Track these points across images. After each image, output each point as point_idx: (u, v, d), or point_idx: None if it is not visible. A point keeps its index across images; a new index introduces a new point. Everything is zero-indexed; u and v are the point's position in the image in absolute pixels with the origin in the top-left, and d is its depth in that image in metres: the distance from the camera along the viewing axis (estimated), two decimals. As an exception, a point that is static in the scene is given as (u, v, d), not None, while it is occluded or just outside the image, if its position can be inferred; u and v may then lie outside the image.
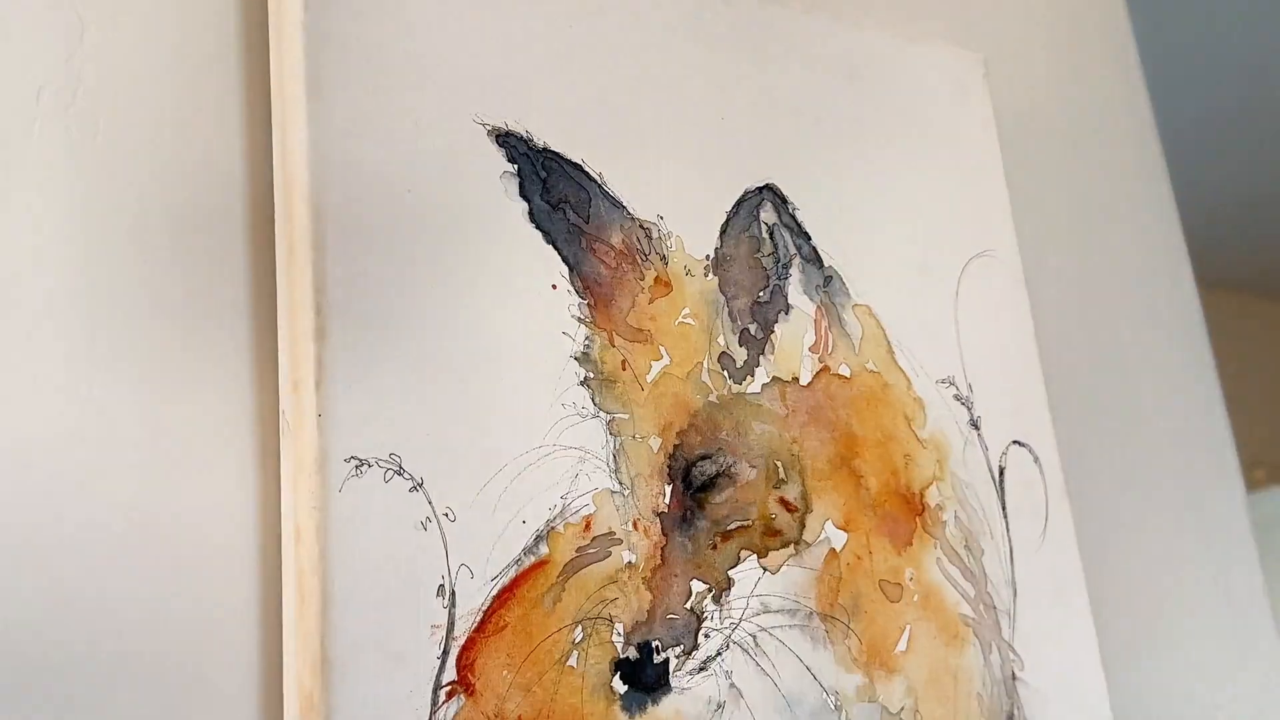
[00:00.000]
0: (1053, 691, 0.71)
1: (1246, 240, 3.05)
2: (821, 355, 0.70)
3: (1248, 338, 3.29)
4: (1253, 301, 3.37)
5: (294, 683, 0.49)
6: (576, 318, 0.60)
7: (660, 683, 0.58)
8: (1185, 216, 1.01)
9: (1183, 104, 2.27)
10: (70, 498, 0.49)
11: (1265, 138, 2.51)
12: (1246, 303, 3.35)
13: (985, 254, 0.80)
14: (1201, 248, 1.22)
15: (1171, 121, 1.70)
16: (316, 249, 0.53)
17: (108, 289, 0.53)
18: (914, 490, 0.71)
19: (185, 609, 0.50)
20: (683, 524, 0.61)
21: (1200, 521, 0.89)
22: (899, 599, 0.67)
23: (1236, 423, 0.95)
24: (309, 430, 0.51)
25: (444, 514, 0.54)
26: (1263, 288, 3.35)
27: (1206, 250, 3.04)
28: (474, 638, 0.53)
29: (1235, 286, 3.30)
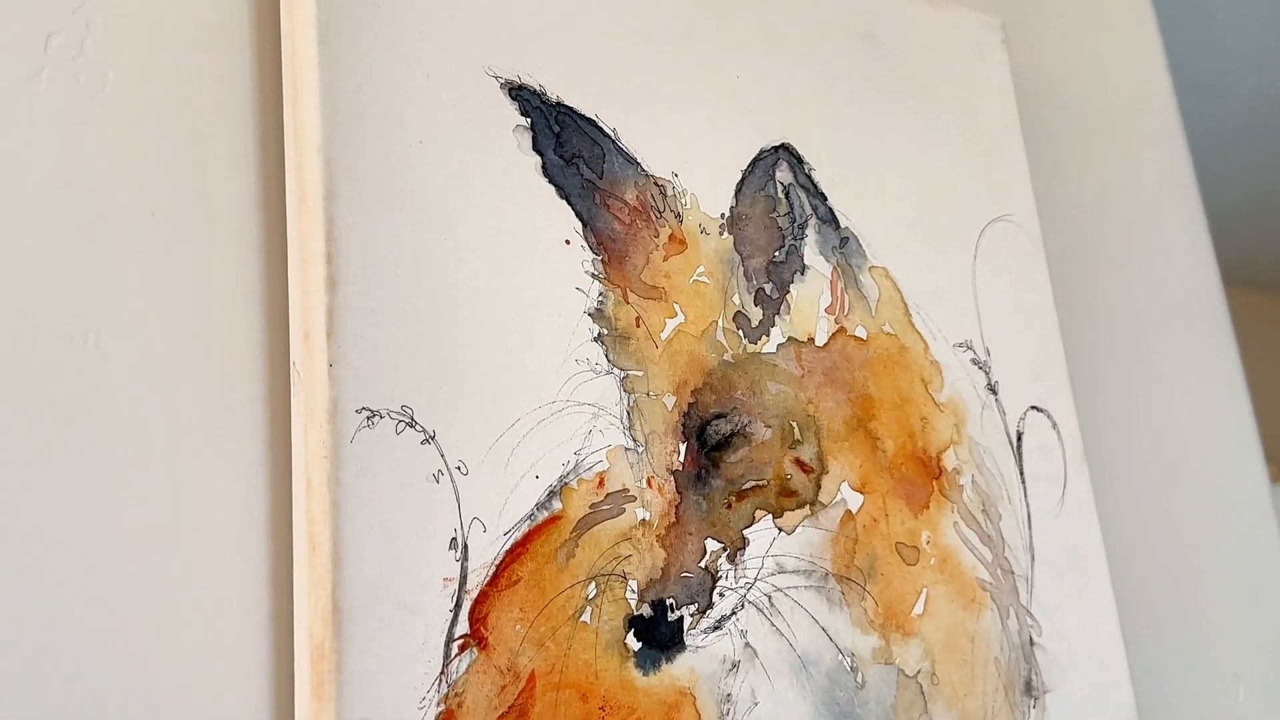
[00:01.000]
0: (1070, 658, 0.70)
1: (1263, 238, 3.03)
2: (837, 317, 0.69)
3: (1266, 335, 3.28)
4: (1271, 299, 3.36)
5: (305, 632, 0.48)
6: (590, 273, 0.60)
7: (674, 640, 0.57)
8: (1205, 215, 1.00)
9: (1203, 102, 2.25)
10: (79, 446, 0.49)
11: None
12: (1264, 300, 3.34)
13: (1004, 218, 0.79)
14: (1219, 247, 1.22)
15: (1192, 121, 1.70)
16: (328, 199, 0.52)
17: (116, 241, 0.52)
18: (931, 453, 0.70)
19: (194, 558, 0.49)
20: (697, 482, 0.60)
21: (1221, 494, 0.88)
22: (916, 562, 0.66)
23: (1261, 418, 0.94)
24: (320, 380, 0.51)
25: (456, 467, 0.53)
26: (1266, 282, 3.33)
27: (1224, 249, 3.03)
28: (486, 591, 0.52)
29: (1254, 285, 3.29)
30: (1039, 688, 0.69)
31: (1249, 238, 2.99)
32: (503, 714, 0.51)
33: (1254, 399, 1.14)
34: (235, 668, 0.49)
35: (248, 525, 0.51)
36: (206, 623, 0.49)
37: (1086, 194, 0.90)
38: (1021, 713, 0.67)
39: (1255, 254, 3.10)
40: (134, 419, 0.50)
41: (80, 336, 0.50)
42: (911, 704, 0.63)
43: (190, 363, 0.52)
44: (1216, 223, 2.43)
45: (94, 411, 0.49)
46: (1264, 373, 3.16)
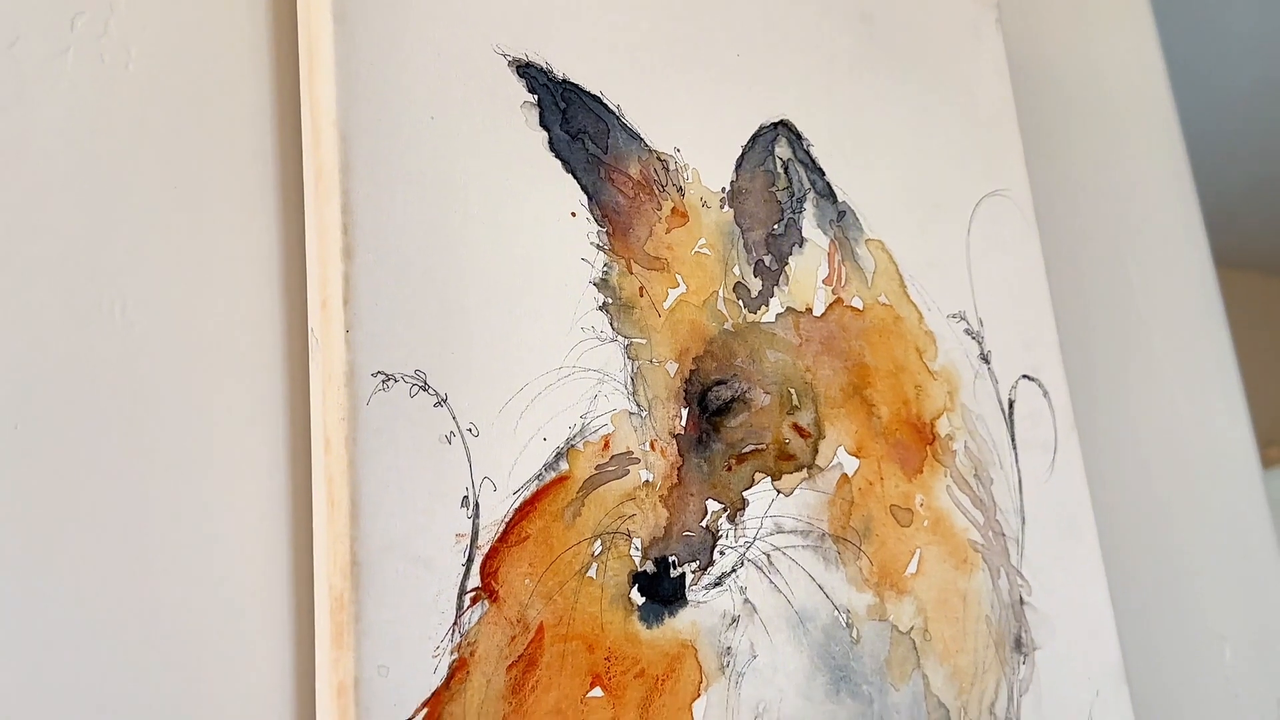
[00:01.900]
0: (1059, 617, 0.72)
1: (1259, 220, 3.04)
2: (835, 288, 0.70)
3: (1261, 317, 3.28)
4: (1267, 281, 3.36)
5: (325, 583, 0.50)
6: (595, 245, 0.61)
7: (677, 596, 0.59)
8: (1198, 198, 1.01)
9: (1199, 86, 2.25)
10: (107, 410, 0.51)
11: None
12: (1260, 283, 3.35)
13: (997, 193, 0.81)
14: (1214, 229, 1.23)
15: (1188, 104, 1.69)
16: (344, 171, 0.54)
17: (140, 214, 0.54)
18: (925, 420, 0.71)
19: (218, 515, 0.51)
20: (698, 446, 0.62)
21: (1209, 460, 0.90)
22: (909, 524, 0.68)
23: (1250, 401, 0.96)
24: (337, 345, 0.52)
25: (467, 429, 0.55)
26: (1276, 268, 3.34)
27: (1219, 231, 3.04)
28: (497, 547, 0.54)
29: (1249, 267, 3.29)
30: (1029, 645, 0.71)
31: (1246, 220, 3.00)
32: (513, 663, 0.53)
33: (1250, 382, 1.15)
34: (259, 618, 0.51)
35: (269, 484, 0.53)
36: (231, 575, 0.51)
37: (1079, 171, 0.92)
38: (1011, 668, 0.69)
39: (1252, 236, 3.11)
40: (158, 384, 0.52)
41: (106, 306, 0.52)
42: (905, 659, 0.65)
43: (212, 330, 0.54)
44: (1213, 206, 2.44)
45: (120, 377, 0.51)
46: (1259, 355, 3.16)
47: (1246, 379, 1.04)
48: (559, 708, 0.54)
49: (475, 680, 0.52)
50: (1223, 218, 2.93)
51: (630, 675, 0.56)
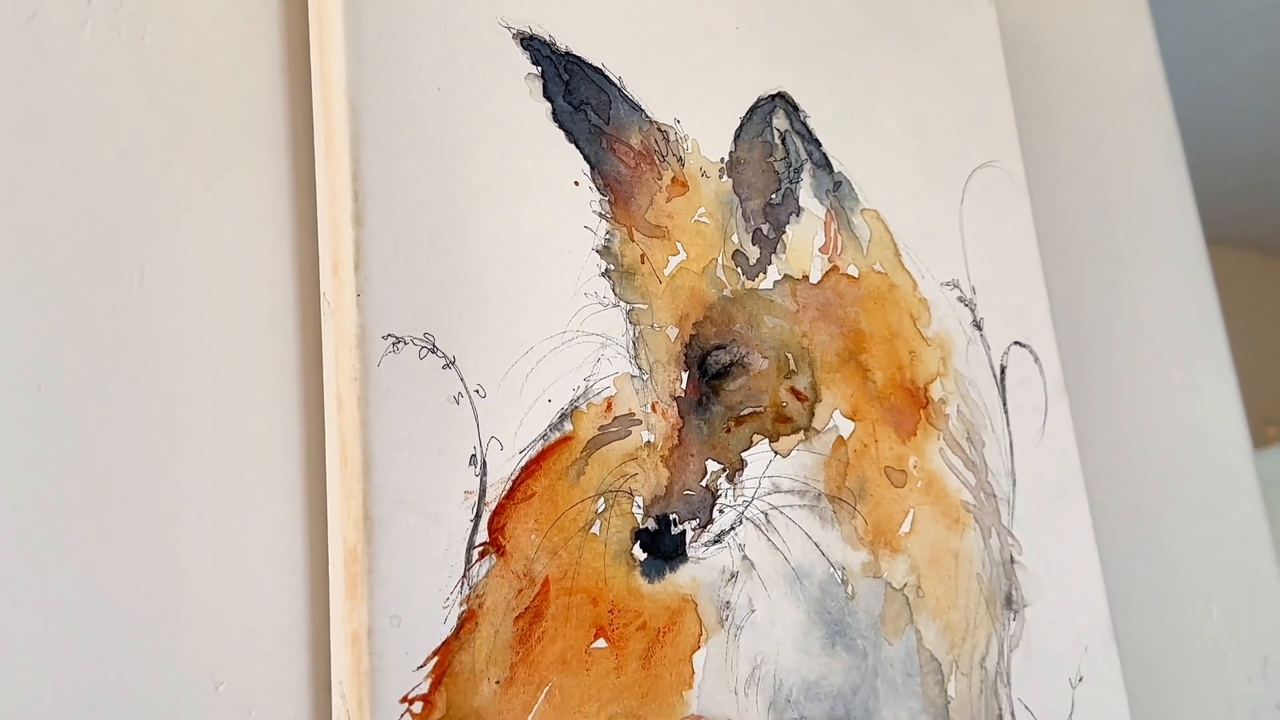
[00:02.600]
0: (1049, 575, 0.74)
1: (1257, 200, 3.04)
2: (831, 256, 0.72)
3: (1258, 298, 3.28)
4: (1264, 261, 3.37)
5: (338, 537, 0.52)
6: (597, 213, 0.63)
7: (677, 552, 0.60)
8: (1193, 177, 1.02)
9: (1193, 63, 2.25)
10: (127, 373, 0.52)
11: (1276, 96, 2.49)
12: (1258, 262, 3.34)
13: (990, 164, 0.82)
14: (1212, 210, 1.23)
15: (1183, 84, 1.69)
16: (354, 141, 0.56)
17: (157, 184, 0.55)
18: (918, 384, 0.73)
19: (234, 472, 0.53)
20: (698, 408, 0.64)
21: (1196, 423, 0.91)
22: (903, 484, 0.70)
23: (1247, 382, 0.97)
24: (349, 309, 0.54)
25: (475, 390, 0.56)
26: (1274, 247, 3.34)
27: (1217, 212, 3.03)
28: (504, 504, 0.56)
29: (1246, 246, 3.29)
30: (1019, 602, 0.73)
31: (1244, 200, 3.00)
32: (520, 614, 0.55)
33: (1248, 363, 1.17)
34: (274, 571, 0.53)
35: (284, 441, 0.55)
36: (248, 530, 0.53)
37: (1071, 143, 0.93)
38: (1002, 624, 0.71)
39: (1250, 216, 3.11)
40: (175, 347, 0.54)
41: (125, 273, 0.54)
42: (898, 614, 0.67)
43: (227, 295, 0.55)
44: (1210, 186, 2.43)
45: (139, 341, 0.53)
46: (1257, 335, 3.16)
47: (1244, 359, 1.05)
48: (564, 658, 0.55)
49: (484, 630, 0.54)
50: (1221, 197, 2.94)
51: (633, 628, 0.58)
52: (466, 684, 0.52)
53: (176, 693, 0.50)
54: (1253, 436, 3.20)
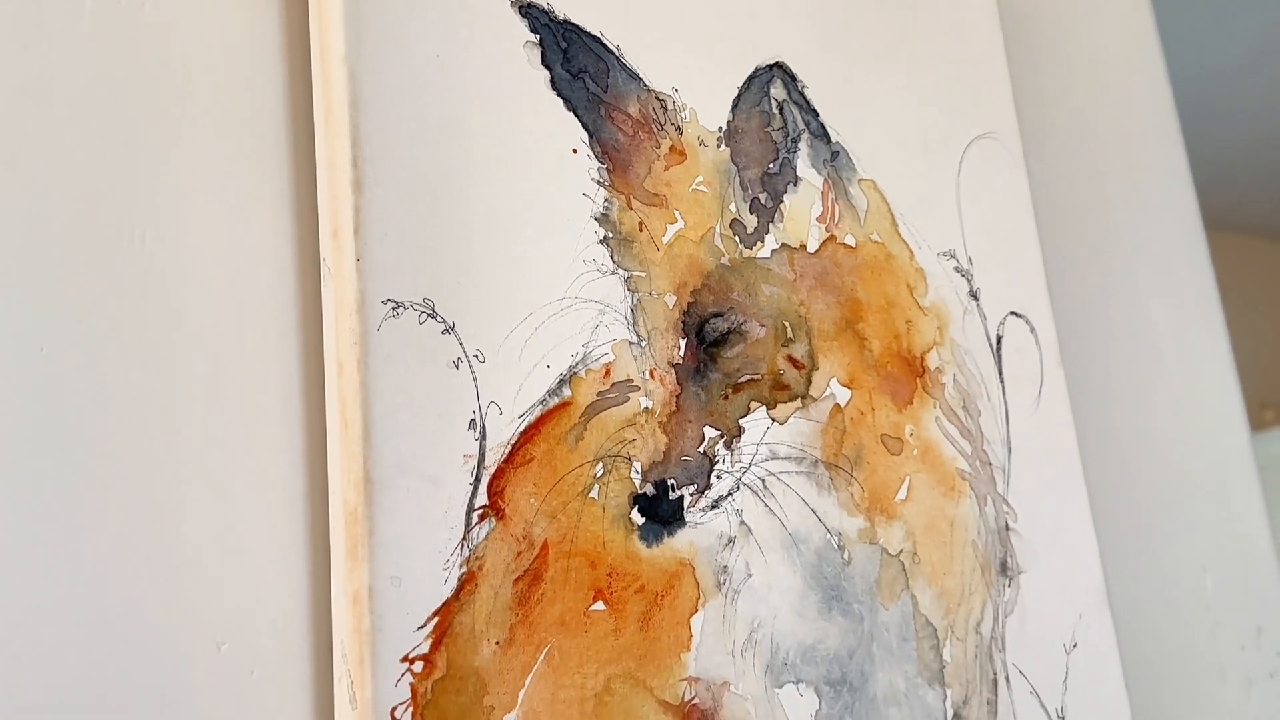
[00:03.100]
0: (1044, 543, 0.75)
1: (1256, 185, 3.03)
2: (828, 225, 0.72)
3: (1258, 282, 3.28)
4: (1264, 246, 3.36)
5: (339, 498, 0.52)
6: (596, 181, 0.63)
7: (675, 517, 0.61)
8: (1192, 162, 1.02)
9: (1194, 49, 2.25)
10: (131, 331, 0.52)
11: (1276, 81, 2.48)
12: (1258, 247, 3.34)
13: (987, 136, 0.82)
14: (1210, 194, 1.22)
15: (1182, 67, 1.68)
16: (353, 107, 0.56)
17: (159, 149, 0.55)
18: (915, 353, 0.73)
19: (234, 432, 0.53)
20: (696, 375, 0.64)
21: (1191, 394, 0.91)
22: (899, 452, 0.70)
23: (1244, 367, 0.97)
24: (348, 274, 0.54)
25: (474, 355, 0.56)
26: (1275, 232, 3.33)
27: (1215, 196, 3.03)
28: (503, 468, 0.56)
29: (1245, 231, 3.29)
30: (1014, 569, 0.73)
31: (1243, 185, 2.99)
32: (519, 577, 0.55)
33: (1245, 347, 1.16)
34: (276, 532, 0.53)
35: (283, 403, 0.55)
36: (249, 492, 0.53)
37: (1066, 117, 0.93)
38: (997, 591, 0.72)
39: (1249, 201, 3.10)
40: (177, 309, 0.54)
41: (129, 235, 0.54)
42: (894, 580, 0.67)
43: (228, 258, 0.56)
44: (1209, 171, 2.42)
45: (141, 302, 0.53)
46: (1254, 320, 3.16)
47: (1241, 344, 1.05)
48: (563, 619, 0.56)
49: (483, 592, 0.54)
50: (1219, 182, 2.93)
51: (631, 591, 0.58)
52: (466, 644, 0.53)
53: (179, 653, 0.50)
54: (1250, 420, 3.19)
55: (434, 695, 0.51)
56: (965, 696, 0.68)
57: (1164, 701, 0.81)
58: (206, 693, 0.50)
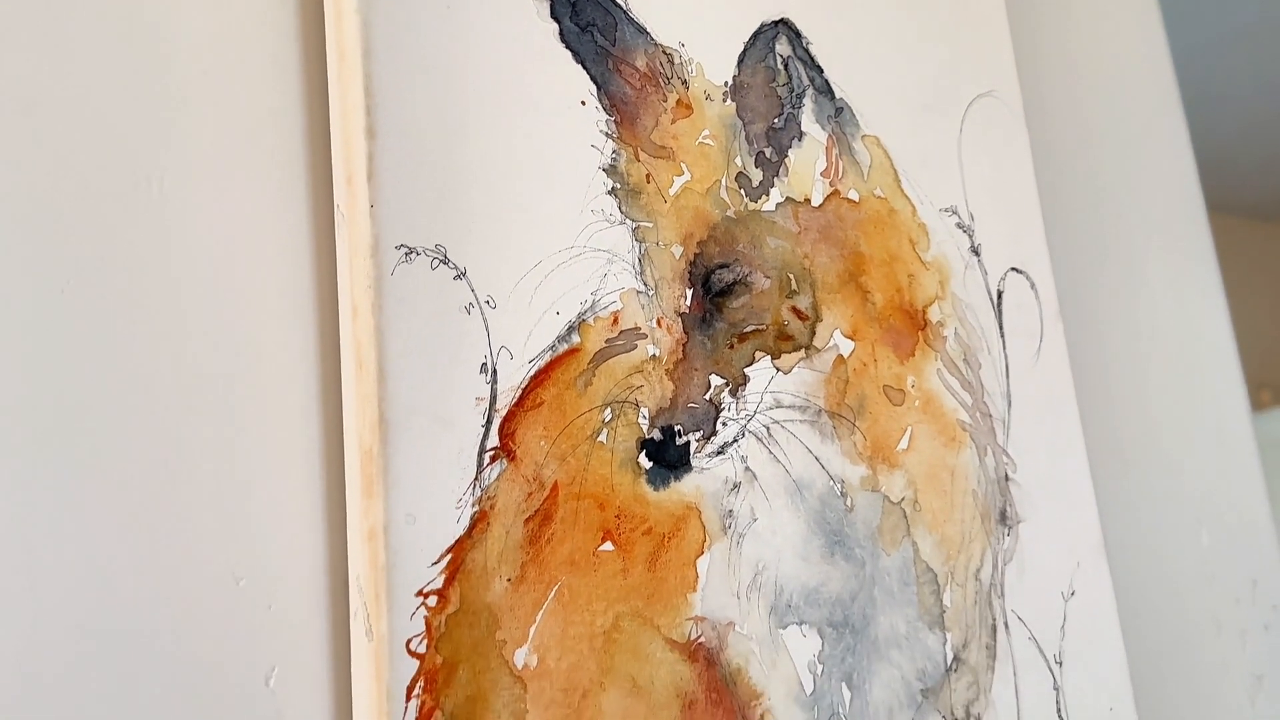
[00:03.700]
0: (1043, 492, 0.75)
1: (1256, 167, 3.02)
2: (832, 180, 0.72)
3: (1257, 265, 3.28)
4: (1261, 228, 3.36)
5: (354, 439, 0.53)
6: (604, 133, 0.63)
7: (682, 462, 0.62)
8: (1196, 146, 1.02)
9: (1194, 31, 2.24)
10: (148, 277, 0.53)
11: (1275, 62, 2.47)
12: (1255, 229, 3.34)
13: (989, 94, 0.83)
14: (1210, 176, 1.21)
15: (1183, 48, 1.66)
16: (366, 55, 0.56)
17: (174, 99, 0.56)
18: (917, 307, 0.74)
19: (252, 374, 0.54)
20: (702, 324, 0.65)
21: (1188, 349, 0.92)
22: (901, 403, 0.71)
23: (1243, 348, 0.98)
24: (362, 219, 0.55)
25: (485, 301, 0.57)
26: (1271, 214, 3.33)
27: (1215, 178, 3.01)
28: (514, 411, 0.57)
29: (1244, 213, 3.28)
30: (1013, 517, 0.74)
31: (1242, 167, 2.99)
32: (529, 517, 0.56)
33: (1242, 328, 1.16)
34: (293, 470, 0.54)
35: (300, 347, 0.56)
36: (266, 430, 0.54)
37: (1067, 78, 0.94)
38: (996, 539, 0.73)
39: (1248, 183, 3.09)
40: (193, 255, 0.55)
41: (145, 182, 0.55)
42: (895, 526, 0.68)
43: (242, 205, 0.56)
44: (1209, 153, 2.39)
45: (157, 247, 0.54)
46: (1253, 301, 3.16)
47: (1240, 326, 1.05)
48: (573, 559, 0.57)
49: (495, 531, 0.55)
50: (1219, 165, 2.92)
51: (639, 532, 0.59)
52: (479, 580, 0.54)
53: (199, 588, 0.51)
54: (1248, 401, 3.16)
55: (448, 629, 0.52)
56: (965, 640, 0.69)
57: (1160, 650, 0.82)
58: (226, 626, 0.51)
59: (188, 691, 0.50)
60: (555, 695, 0.54)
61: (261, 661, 0.52)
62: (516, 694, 0.53)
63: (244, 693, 0.51)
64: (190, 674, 0.50)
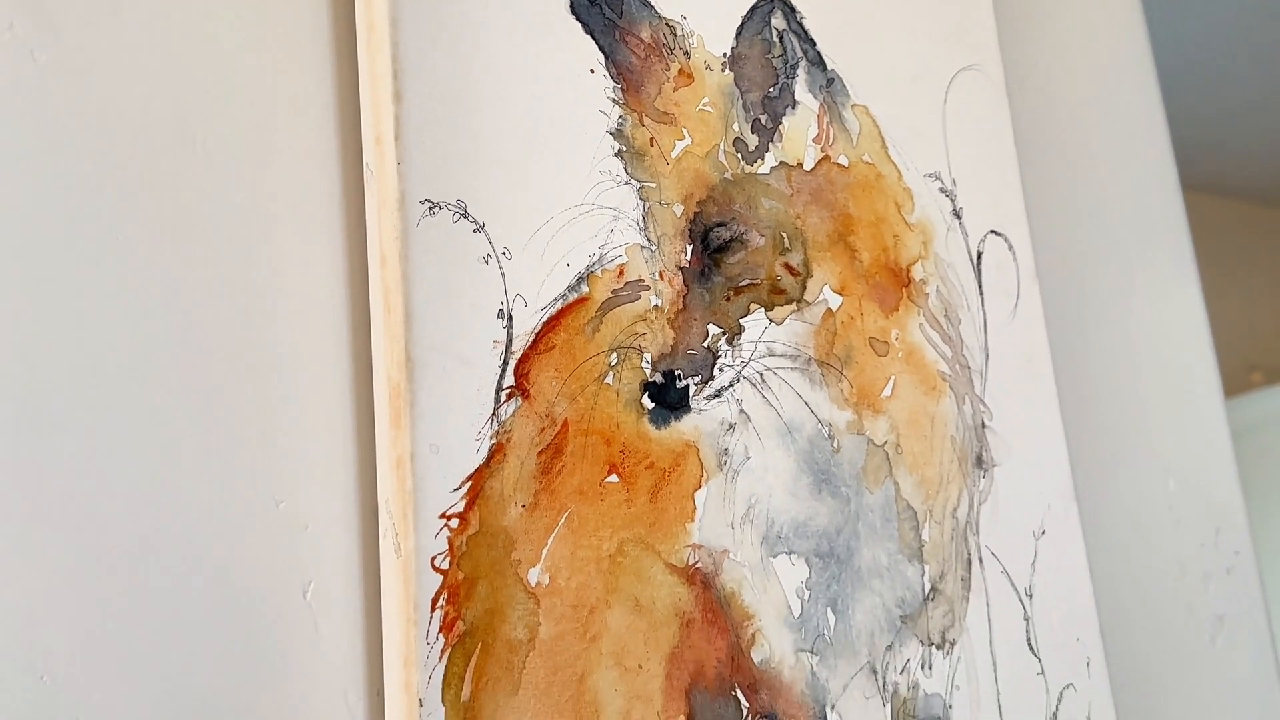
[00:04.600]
0: (1017, 439, 0.80)
1: (1250, 148, 3.01)
2: (823, 146, 0.76)
3: (1247, 247, 3.28)
4: (1253, 210, 3.36)
5: (383, 375, 0.58)
6: (611, 99, 0.67)
7: (681, 403, 0.66)
8: (1185, 125, 1.05)
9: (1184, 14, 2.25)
10: (191, 230, 0.57)
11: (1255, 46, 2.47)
12: (1247, 212, 3.33)
13: (973, 67, 0.86)
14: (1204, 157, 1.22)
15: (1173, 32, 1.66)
16: (393, 25, 0.60)
17: (216, 65, 0.60)
18: (901, 265, 0.78)
19: (289, 318, 0.58)
20: (701, 278, 0.69)
21: (1157, 306, 0.96)
22: (885, 354, 0.75)
23: (1234, 328, 1.02)
24: (390, 176, 0.59)
25: (502, 252, 0.61)
26: (1266, 195, 3.32)
27: (1208, 160, 3.01)
28: (528, 353, 0.61)
29: (1237, 195, 3.28)
30: (989, 462, 0.78)
31: (1237, 148, 2.99)
32: (542, 450, 0.60)
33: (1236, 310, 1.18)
34: (327, 403, 0.58)
35: (332, 292, 0.60)
36: (303, 367, 0.58)
37: (1048, 55, 0.97)
38: (973, 481, 0.77)
39: (1243, 164, 3.09)
40: (234, 208, 0.59)
41: (189, 141, 0.59)
42: (879, 467, 0.73)
43: (279, 163, 0.60)
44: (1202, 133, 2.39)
45: (204, 199, 0.58)
46: (1245, 283, 3.17)
47: (1231, 307, 1.08)
48: (581, 489, 0.61)
49: (511, 461, 0.59)
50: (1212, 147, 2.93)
51: (641, 467, 0.63)
52: (496, 506, 0.58)
53: (242, 510, 0.55)
54: (1238, 382, 3.18)
55: (468, 548, 0.57)
56: (942, 573, 0.73)
57: (1126, 587, 0.87)
58: (266, 544, 0.56)
59: (234, 603, 0.54)
60: (565, 611, 0.59)
61: (299, 576, 0.56)
62: (530, 608, 0.58)
63: (284, 604, 0.56)
64: (236, 587, 0.55)
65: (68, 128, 0.56)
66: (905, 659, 0.70)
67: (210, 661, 0.53)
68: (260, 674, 0.54)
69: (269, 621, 0.55)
